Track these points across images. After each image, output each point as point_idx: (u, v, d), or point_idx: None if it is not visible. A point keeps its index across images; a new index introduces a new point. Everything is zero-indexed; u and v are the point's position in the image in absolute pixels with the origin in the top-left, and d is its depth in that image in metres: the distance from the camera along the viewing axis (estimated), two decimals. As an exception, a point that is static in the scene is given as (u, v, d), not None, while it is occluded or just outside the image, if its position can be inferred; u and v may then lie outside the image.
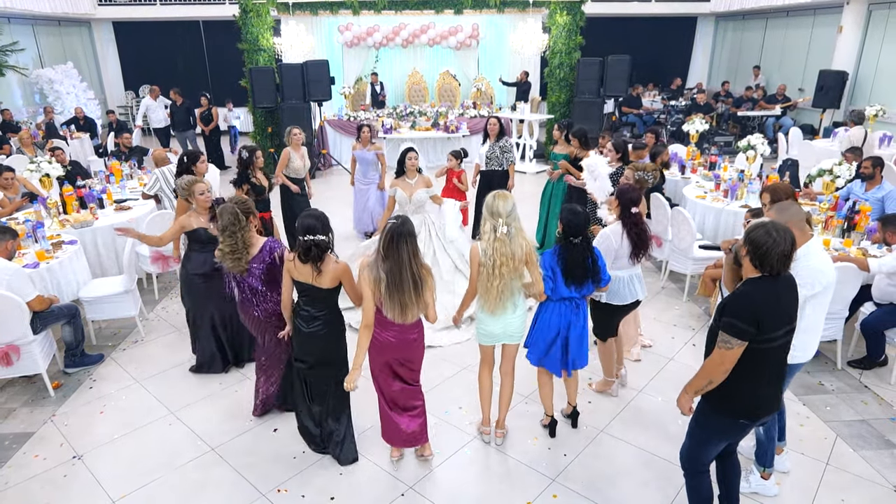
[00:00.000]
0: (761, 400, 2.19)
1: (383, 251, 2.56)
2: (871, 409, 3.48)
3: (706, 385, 2.18)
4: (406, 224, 2.58)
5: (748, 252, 2.09)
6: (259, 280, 3.05)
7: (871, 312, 3.79)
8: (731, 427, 2.26)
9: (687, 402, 2.27)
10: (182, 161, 4.36)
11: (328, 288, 2.74)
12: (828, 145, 7.98)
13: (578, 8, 9.71)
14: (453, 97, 11.55)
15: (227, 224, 2.94)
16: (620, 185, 3.42)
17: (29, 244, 4.30)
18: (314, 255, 2.65)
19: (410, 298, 2.58)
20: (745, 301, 2.08)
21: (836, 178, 5.03)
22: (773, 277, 2.08)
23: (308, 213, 2.72)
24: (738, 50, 13.27)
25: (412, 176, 4.44)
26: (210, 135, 9.80)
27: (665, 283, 5.24)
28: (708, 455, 2.36)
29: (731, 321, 2.05)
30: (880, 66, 9.28)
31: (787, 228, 2.08)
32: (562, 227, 2.89)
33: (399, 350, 2.74)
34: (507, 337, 2.96)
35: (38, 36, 11.35)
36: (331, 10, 9.72)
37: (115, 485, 2.92)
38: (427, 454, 3.05)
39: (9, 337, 3.44)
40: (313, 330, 2.82)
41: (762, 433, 2.69)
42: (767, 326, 2.06)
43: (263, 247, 3.06)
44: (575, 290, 2.92)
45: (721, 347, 2.09)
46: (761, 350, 2.09)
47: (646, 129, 7.32)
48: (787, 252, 2.04)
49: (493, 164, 5.91)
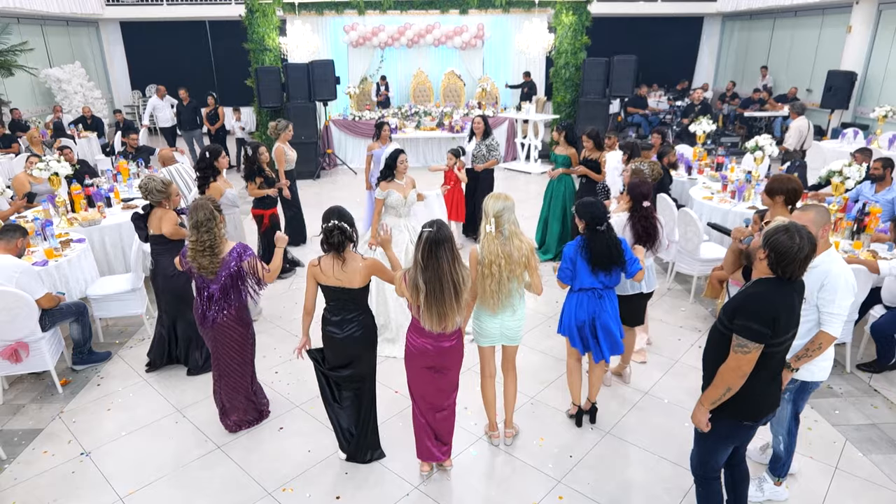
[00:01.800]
0: (763, 399, 2.16)
1: (422, 261, 2.46)
2: (880, 412, 3.44)
3: (724, 394, 2.07)
4: (442, 230, 2.49)
5: (768, 256, 2.00)
6: (219, 287, 2.91)
7: (881, 315, 3.76)
8: (736, 430, 2.22)
9: (703, 415, 2.16)
10: (204, 157, 4.39)
11: (359, 288, 2.69)
12: (836, 146, 7.92)
13: (584, 8, 9.68)
14: (458, 97, 11.54)
15: (204, 219, 2.81)
16: (633, 181, 3.48)
17: (38, 242, 4.34)
18: (336, 241, 2.58)
19: (451, 307, 2.50)
20: (761, 303, 2.00)
21: (845, 180, 4.99)
22: (788, 281, 2.02)
23: (332, 208, 2.68)
24: (744, 50, 13.19)
25: (401, 178, 4.26)
26: (216, 134, 9.85)
27: (671, 284, 5.22)
28: (718, 460, 2.33)
29: (748, 324, 1.97)
30: (890, 66, 9.19)
31: (809, 232, 2.00)
32: (584, 222, 2.93)
33: (435, 357, 2.67)
34: (505, 339, 2.96)
35: (46, 36, 11.43)
36: (336, 10, 9.74)
37: (122, 481, 2.94)
38: (447, 465, 2.99)
39: (18, 334, 3.47)
40: (349, 333, 2.74)
41: (782, 449, 2.67)
42: (781, 329, 2.00)
43: (233, 249, 2.91)
44: (604, 277, 2.96)
45: (737, 352, 2.01)
46: (770, 353, 2.04)
47: (651, 129, 7.30)
48: (810, 257, 1.98)
49: (479, 161, 5.94)
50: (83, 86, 11.65)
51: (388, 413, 3.38)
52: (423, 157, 10.02)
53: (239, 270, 2.92)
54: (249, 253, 2.97)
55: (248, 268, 2.95)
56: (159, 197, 3.58)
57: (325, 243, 2.63)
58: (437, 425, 2.85)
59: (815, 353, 2.38)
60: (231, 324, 3.02)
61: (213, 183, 4.35)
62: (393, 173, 4.18)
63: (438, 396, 2.79)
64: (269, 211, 5.11)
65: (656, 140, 6.19)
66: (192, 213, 2.87)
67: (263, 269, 2.98)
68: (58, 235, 4.40)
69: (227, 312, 2.98)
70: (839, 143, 8.05)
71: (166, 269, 3.59)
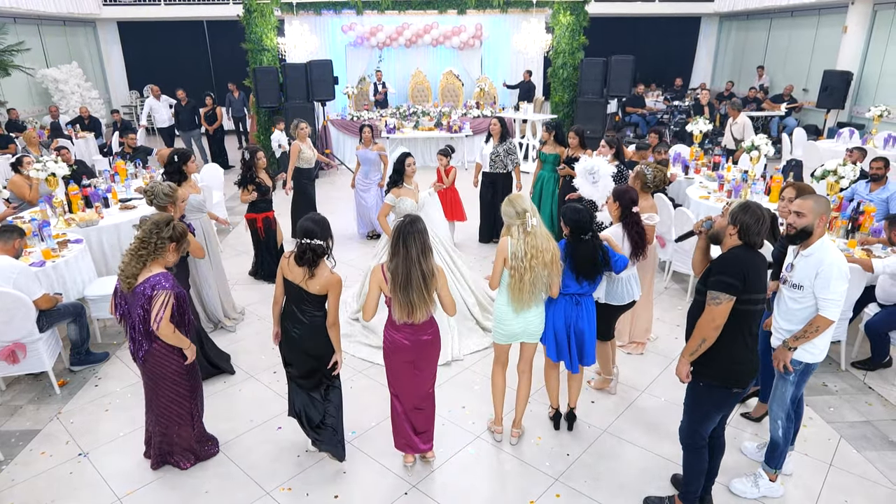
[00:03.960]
0: (744, 365, 2.39)
1: (391, 249, 2.58)
2: (874, 410, 3.47)
3: (700, 344, 2.35)
4: (416, 222, 2.58)
5: (738, 230, 2.30)
6: (138, 318, 2.61)
7: (875, 314, 3.78)
8: (726, 398, 2.44)
9: (684, 366, 2.44)
10: (172, 160, 4.20)
11: (317, 294, 2.69)
12: (832, 146, 7.96)
13: (582, 8, 9.70)
14: (456, 97, 11.56)
15: (145, 234, 2.62)
16: (617, 187, 3.39)
17: (35, 243, 4.33)
18: (308, 259, 2.62)
19: (420, 297, 2.55)
20: (732, 259, 2.30)
21: (840, 179, 5.01)
22: (754, 249, 2.32)
23: (309, 217, 2.69)
24: (741, 50, 13.23)
25: (410, 182, 4.22)
26: (214, 134, 9.84)
27: (668, 283, 5.24)
28: (706, 429, 2.51)
29: (720, 278, 2.26)
30: (885, 66, 9.24)
31: (763, 207, 2.34)
32: (568, 228, 2.90)
33: (413, 351, 2.71)
34: (526, 335, 2.96)
35: (43, 36, 11.40)
36: (334, 9, 9.74)
37: (120, 482, 2.94)
38: (430, 456, 3.04)
39: (15, 335, 3.47)
40: (299, 332, 2.74)
41: (780, 434, 2.70)
42: (751, 285, 2.26)
43: (148, 279, 2.59)
44: (588, 285, 2.96)
45: (710, 304, 2.28)
46: (742, 311, 2.28)
47: (649, 129, 7.31)
48: (770, 226, 2.39)
49: (497, 166, 5.87)
50: (80, 86, 11.63)
51: (385, 413, 3.39)
52: (421, 157, 10.02)
53: (148, 308, 2.59)
54: (165, 286, 2.60)
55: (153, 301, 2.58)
56: (166, 201, 3.44)
57: (296, 258, 2.64)
58: (415, 417, 2.88)
59: (812, 335, 2.50)
60: (163, 353, 2.71)
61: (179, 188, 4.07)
62: (402, 178, 4.15)
63: (418, 389, 2.82)
64: (262, 215, 5.09)
65: (653, 140, 6.22)
66: (140, 223, 2.76)
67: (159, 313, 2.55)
68: (55, 236, 4.39)
69: (155, 344, 2.68)
70: (835, 143, 8.08)
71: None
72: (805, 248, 2.48)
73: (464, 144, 9.76)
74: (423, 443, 2.94)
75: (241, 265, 5.67)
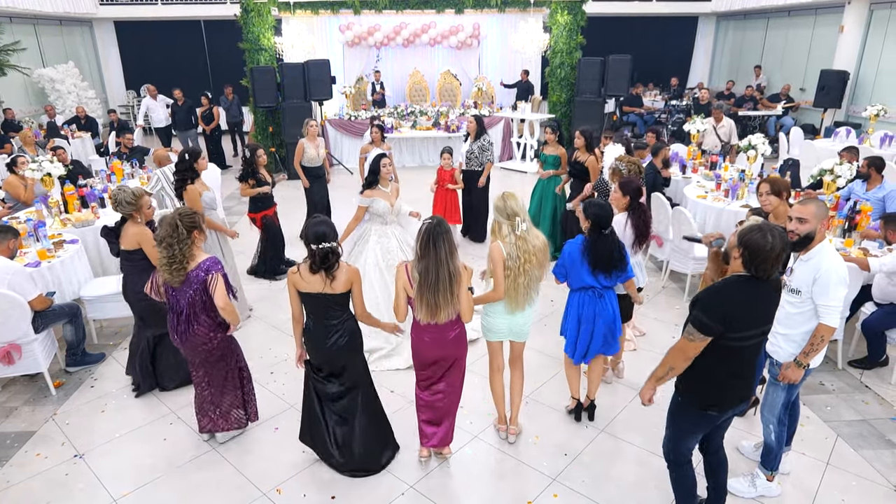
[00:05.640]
0: (727, 391, 2.23)
1: (420, 251, 2.54)
2: (871, 408, 3.47)
3: (667, 372, 2.22)
4: (442, 223, 2.57)
5: (742, 255, 2.07)
6: (186, 302, 2.81)
7: (871, 312, 3.79)
8: (702, 419, 2.29)
9: (648, 391, 2.31)
10: (183, 158, 4.22)
11: (342, 293, 2.67)
12: (829, 145, 7.98)
13: (579, 7, 9.71)
14: (454, 97, 11.55)
15: (165, 235, 2.74)
16: (622, 180, 3.49)
17: (30, 243, 4.31)
18: (331, 263, 2.58)
19: (445, 298, 2.54)
20: (717, 299, 2.10)
21: (837, 178, 5.03)
22: (760, 279, 2.07)
23: (318, 221, 2.62)
24: (739, 50, 13.26)
25: (386, 185, 4.11)
26: (211, 134, 9.81)
27: (666, 282, 5.24)
28: (687, 446, 2.40)
29: (699, 316, 2.07)
30: (881, 66, 9.26)
31: (782, 231, 2.07)
32: (589, 222, 2.93)
33: (438, 349, 2.70)
34: (512, 334, 2.98)
35: (39, 35, 11.35)
36: (332, 9, 9.72)
37: (116, 483, 2.93)
38: (446, 452, 3.05)
39: (10, 336, 3.45)
40: (334, 340, 2.70)
41: (773, 439, 2.69)
42: (737, 326, 2.07)
43: (200, 265, 2.79)
44: (604, 279, 2.98)
45: (685, 337, 2.14)
46: (731, 347, 2.12)
47: (647, 128, 7.32)
48: (781, 256, 2.04)
49: (472, 163, 5.96)
50: (77, 86, 11.58)
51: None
52: (419, 156, 10.02)
53: (204, 284, 2.79)
54: (217, 269, 2.81)
55: (209, 284, 2.79)
56: (129, 209, 3.38)
57: (317, 264, 2.57)
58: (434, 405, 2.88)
59: (820, 345, 2.43)
60: (205, 335, 2.90)
61: (190, 185, 4.17)
62: (377, 179, 4.04)
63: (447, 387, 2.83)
64: (262, 213, 5.11)
65: (651, 139, 6.22)
66: (158, 226, 2.80)
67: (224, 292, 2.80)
68: (51, 236, 4.38)
69: (196, 327, 2.87)
70: (832, 142, 8.10)
71: (136, 286, 3.34)
72: (805, 252, 2.45)
73: (462, 144, 9.73)
74: (438, 441, 2.94)
75: (240, 264, 5.64)
